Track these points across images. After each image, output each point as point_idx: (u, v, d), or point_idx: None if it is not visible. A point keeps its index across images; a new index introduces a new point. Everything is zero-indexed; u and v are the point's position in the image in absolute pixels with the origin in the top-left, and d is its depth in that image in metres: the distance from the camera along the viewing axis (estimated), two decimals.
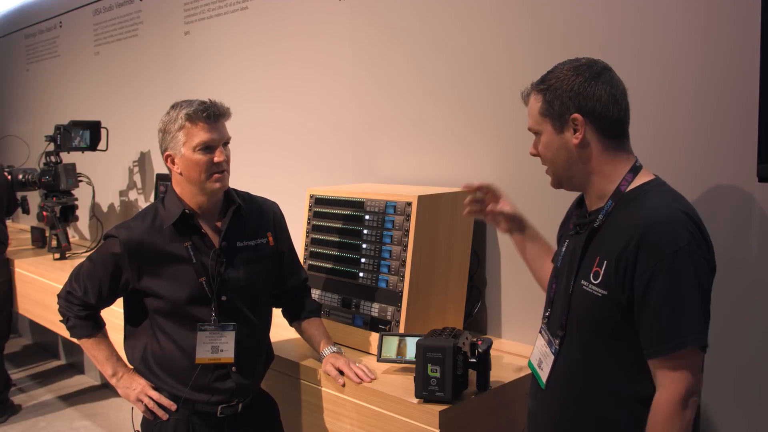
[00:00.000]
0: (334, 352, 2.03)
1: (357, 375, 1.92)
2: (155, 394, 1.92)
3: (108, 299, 1.96)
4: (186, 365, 1.89)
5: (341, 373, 1.95)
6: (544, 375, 1.53)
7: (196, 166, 1.84)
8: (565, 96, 1.41)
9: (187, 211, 1.89)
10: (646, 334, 1.34)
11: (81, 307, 1.95)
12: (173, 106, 1.88)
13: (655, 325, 1.32)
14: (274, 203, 2.11)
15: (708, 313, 1.35)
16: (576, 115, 1.40)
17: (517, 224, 1.78)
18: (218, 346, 1.89)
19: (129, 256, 1.86)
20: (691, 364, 1.32)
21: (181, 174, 1.87)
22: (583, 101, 1.40)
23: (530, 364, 1.61)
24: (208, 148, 1.84)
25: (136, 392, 1.93)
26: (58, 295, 2.00)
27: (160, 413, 1.92)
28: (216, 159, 1.85)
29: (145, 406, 1.92)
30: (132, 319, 1.98)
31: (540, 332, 1.59)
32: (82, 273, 1.95)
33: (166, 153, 1.88)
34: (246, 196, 2.04)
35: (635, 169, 1.44)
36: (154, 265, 1.87)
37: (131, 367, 2.00)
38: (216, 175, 1.86)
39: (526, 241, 1.79)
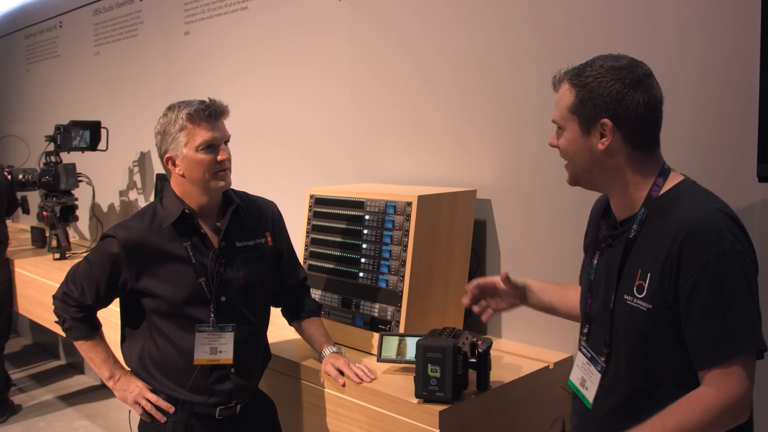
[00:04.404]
0: (334, 352, 2.02)
1: (357, 375, 1.92)
2: (153, 397, 1.91)
3: (105, 300, 1.94)
4: (184, 367, 1.88)
5: (341, 373, 1.95)
6: (590, 394, 1.45)
7: (199, 166, 1.83)
8: (599, 100, 1.32)
9: (186, 211, 1.88)
10: (695, 343, 1.25)
11: (78, 309, 1.94)
12: (170, 108, 1.87)
13: (704, 333, 1.23)
14: (272, 203, 2.10)
15: (760, 315, 1.25)
16: (606, 121, 1.32)
17: (521, 299, 1.71)
18: (217, 347, 1.88)
19: (128, 256, 1.85)
20: (746, 372, 1.22)
21: (183, 175, 1.86)
22: (618, 108, 1.31)
23: (571, 384, 1.54)
24: (210, 147, 1.83)
25: (134, 395, 1.92)
26: (54, 296, 1.98)
27: (158, 416, 1.91)
28: (219, 157, 1.84)
29: (143, 408, 1.91)
30: (129, 322, 1.97)
31: (579, 350, 1.51)
32: (79, 274, 1.93)
33: (167, 155, 1.86)
34: (244, 196, 2.04)
35: (664, 173, 1.37)
36: (153, 265, 1.86)
37: (128, 369, 1.99)
38: (220, 174, 1.85)
39: (539, 302, 1.72)
